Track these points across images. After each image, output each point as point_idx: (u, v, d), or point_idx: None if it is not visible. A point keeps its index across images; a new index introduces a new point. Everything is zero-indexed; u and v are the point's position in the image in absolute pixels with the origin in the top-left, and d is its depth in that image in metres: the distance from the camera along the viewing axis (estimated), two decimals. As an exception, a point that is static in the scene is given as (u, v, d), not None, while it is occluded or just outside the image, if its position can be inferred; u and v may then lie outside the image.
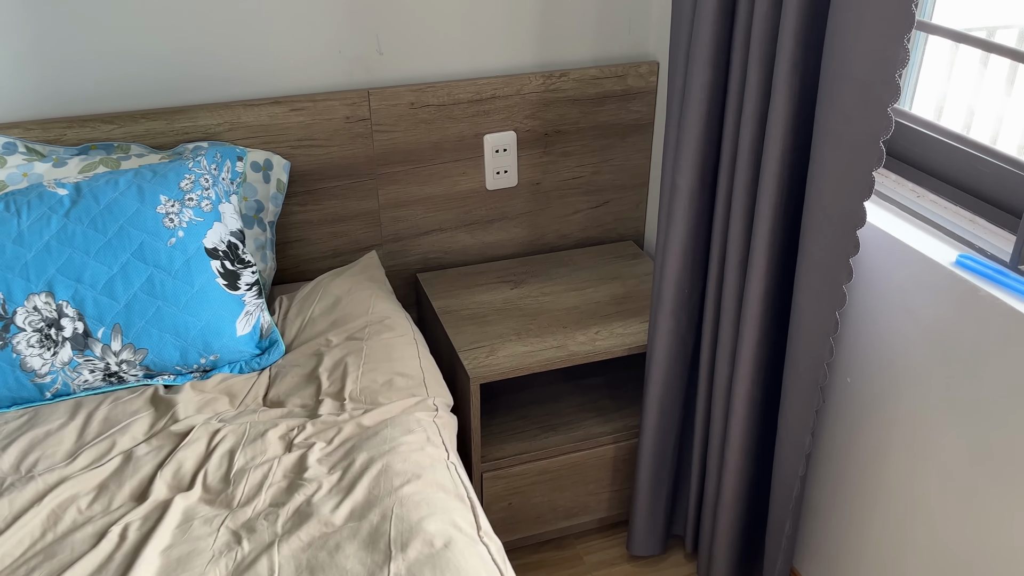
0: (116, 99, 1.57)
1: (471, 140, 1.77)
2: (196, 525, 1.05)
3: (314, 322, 1.44)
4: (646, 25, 1.82)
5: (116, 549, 1.02)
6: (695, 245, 1.43)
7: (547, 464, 1.65)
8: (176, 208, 1.33)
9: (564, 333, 1.63)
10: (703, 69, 1.28)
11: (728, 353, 1.42)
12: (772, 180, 1.23)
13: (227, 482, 1.12)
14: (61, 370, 1.27)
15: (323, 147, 1.68)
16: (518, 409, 1.76)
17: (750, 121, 1.24)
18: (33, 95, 1.52)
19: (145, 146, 1.55)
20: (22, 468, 1.14)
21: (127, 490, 1.11)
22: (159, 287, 1.29)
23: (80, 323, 1.26)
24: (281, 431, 1.20)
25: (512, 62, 1.77)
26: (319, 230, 1.75)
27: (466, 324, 1.67)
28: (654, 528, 1.69)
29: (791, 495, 1.37)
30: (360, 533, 1.02)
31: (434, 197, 1.81)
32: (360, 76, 1.68)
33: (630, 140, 1.89)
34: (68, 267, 1.27)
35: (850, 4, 1.03)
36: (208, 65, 1.59)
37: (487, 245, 1.90)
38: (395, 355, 1.36)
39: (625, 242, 1.99)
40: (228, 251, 1.36)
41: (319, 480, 1.10)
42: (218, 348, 1.33)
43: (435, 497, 1.07)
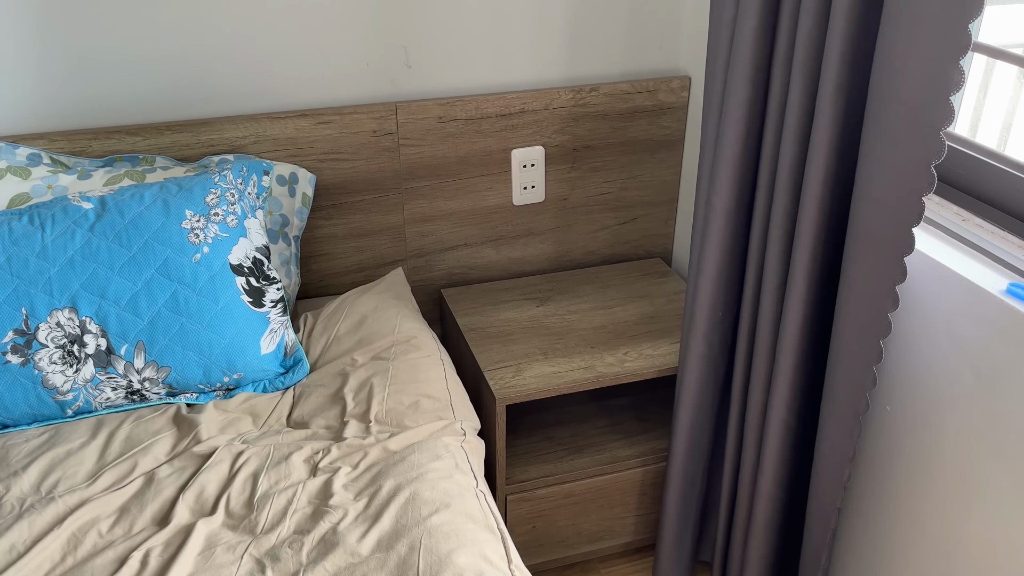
0: (142, 111, 1.55)
1: (499, 155, 1.75)
2: (219, 552, 1.03)
3: (339, 341, 1.41)
4: (678, 39, 1.79)
5: (138, 575, 0.99)
6: (730, 267, 1.39)
7: (572, 487, 1.62)
8: (201, 223, 1.31)
9: (592, 353, 1.60)
10: (742, 87, 1.25)
11: (763, 379, 1.38)
12: (813, 203, 1.19)
13: (250, 507, 1.09)
14: (83, 387, 1.25)
15: (349, 161, 1.66)
16: (542, 430, 1.72)
17: (791, 141, 1.21)
18: (59, 106, 1.51)
19: (170, 158, 1.54)
20: (42, 489, 1.12)
21: (149, 513, 1.09)
22: (183, 304, 1.27)
23: (103, 340, 1.24)
24: (306, 454, 1.17)
25: (542, 76, 1.74)
26: (344, 245, 1.73)
27: (491, 342, 1.63)
28: (681, 554, 1.65)
29: (828, 527, 1.33)
30: (387, 565, 0.98)
31: (460, 212, 1.78)
32: (387, 89, 1.66)
33: (659, 156, 1.86)
34: (92, 283, 1.25)
35: (901, 24, 0.99)
36: (234, 77, 1.57)
37: (513, 261, 1.87)
38: (422, 376, 1.33)
39: (653, 259, 1.95)
40: (253, 267, 1.34)
41: (345, 507, 1.07)
42: (242, 366, 1.31)
43: (465, 528, 1.03)
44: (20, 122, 1.50)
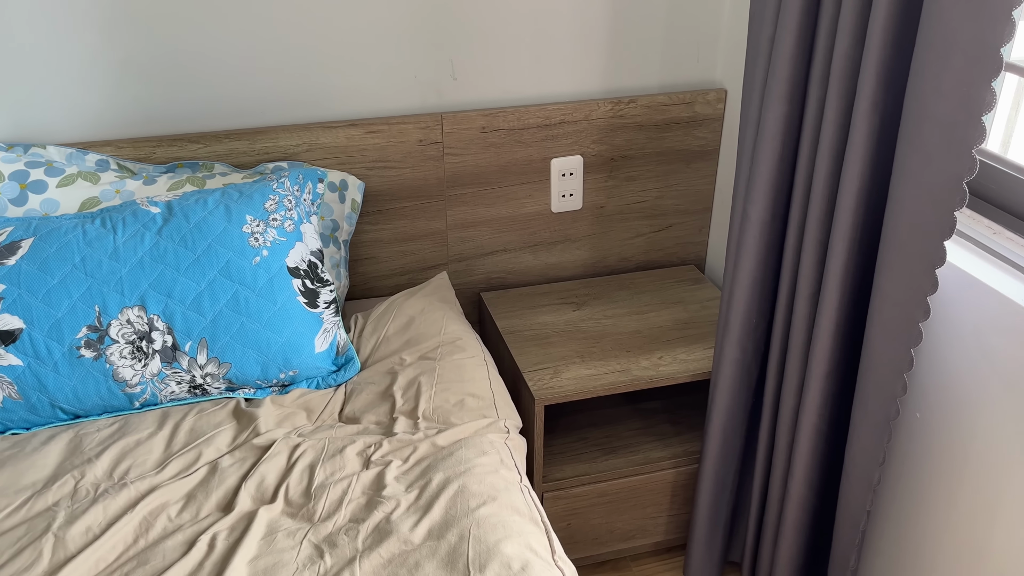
0: (202, 119, 1.63)
1: (538, 164, 1.81)
2: (280, 537, 1.10)
3: (388, 341, 1.48)
4: (714, 52, 1.84)
5: (205, 557, 1.07)
6: (764, 276, 1.44)
7: (606, 487, 1.67)
8: (261, 228, 1.39)
9: (627, 357, 1.65)
10: (779, 102, 1.30)
11: (795, 385, 1.43)
12: (847, 215, 1.23)
13: (308, 496, 1.16)
14: (150, 381, 1.33)
15: (396, 169, 1.73)
16: (578, 430, 1.78)
17: (826, 156, 1.25)
18: (125, 115, 1.59)
19: (228, 165, 1.62)
20: (115, 475, 1.20)
21: (214, 500, 1.16)
22: (243, 304, 1.35)
23: (169, 336, 1.32)
24: (359, 448, 1.24)
25: (581, 88, 1.80)
26: (389, 249, 1.80)
27: (529, 345, 1.69)
28: (711, 554, 1.69)
29: (857, 529, 1.37)
30: (439, 552, 1.05)
31: (500, 219, 1.84)
32: (433, 100, 1.73)
33: (695, 166, 1.91)
34: (160, 283, 1.33)
35: (935, 46, 1.04)
36: (289, 88, 1.65)
37: (550, 266, 1.93)
38: (466, 376, 1.39)
39: (687, 266, 2.00)
40: (308, 270, 1.41)
41: (397, 498, 1.14)
42: (297, 364, 1.38)
43: (511, 520, 1.09)
44: (89, 130, 1.58)
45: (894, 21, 1.10)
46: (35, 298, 1.29)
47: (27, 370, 1.28)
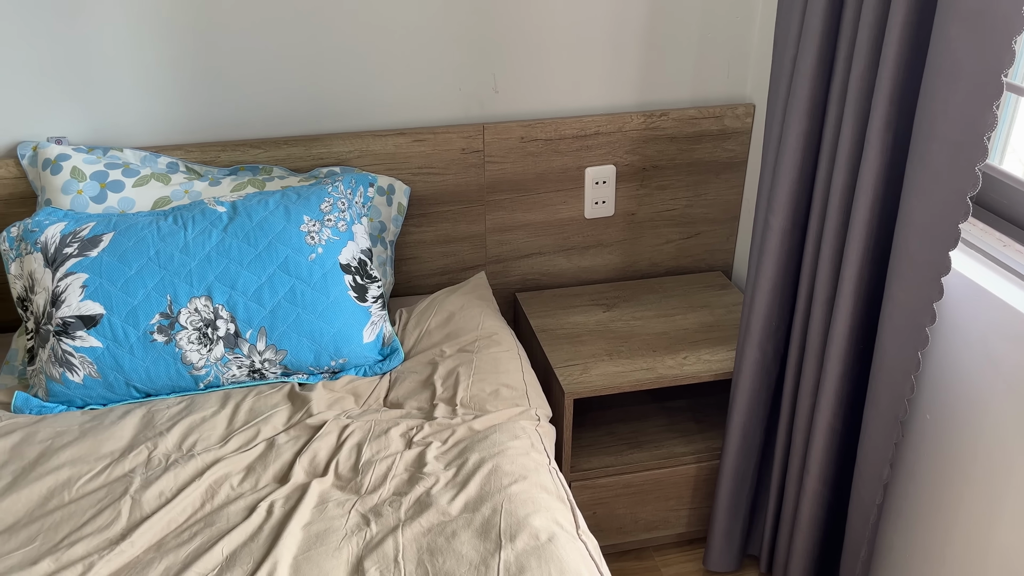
0: (262, 127, 1.77)
1: (573, 172, 1.91)
2: (330, 507, 1.21)
3: (430, 334, 1.60)
4: (744, 69, 1.93)
5: (264, 521, 1.19)
6: (784, 282, 1.52)
7: (631, 478, 1.76)
8: (317, 227, 1.51)
9: (654, 356, 1.74)
10: (800, 119, 1.39)
11: (811, 385, 1.51)
12: (861, 226, 1.32)
13: (356, 471, 1.28)
14: (214, 365, 1.46)
15: (440, 175, 1.84)
16: (605, 425, 1.87)
17: (842, 171, 1.34)
18: (193, 121, 1.73)
19: (286, 169, 1.75)
20: (183, 447, 1.33)
21: (271, 472, 1.28)
22: (300, 296, 1.47)
23: (232, 325, 1.45)
24: (402, 430, 1.35)
25: (615, 101, 1.90)
26: (431, 250, 1.92)
27: (561, 343, 1.80)
28: (730, 546, 1.78)
29: (867, 522, 1.45)
30: (473, 523, 1.16)
31: (536, 223, 1.95)
32: (476, 111, 1.84)
33: (723, 177, 2.00)
34: (225, 275, 1.46)
35: (942, 71, 1.12)
36: (343, 99, 1.77)
37: (582, 269, 2.03)
38: (501, 368, 1.50)
39: (714, 272, 2.09)
40: (359, 267, 1.54)
41: (436, 475, 1.25)
42: (347, 353, 1.50)
43: (539, 497, 1.20)
44: (161, 135, 1.73)
45: (905, 47, 1.18)
46: (114, 287, 1.43)
47: (106, 352, 1.42)
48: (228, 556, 1.13)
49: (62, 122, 1.68)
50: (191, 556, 1.13)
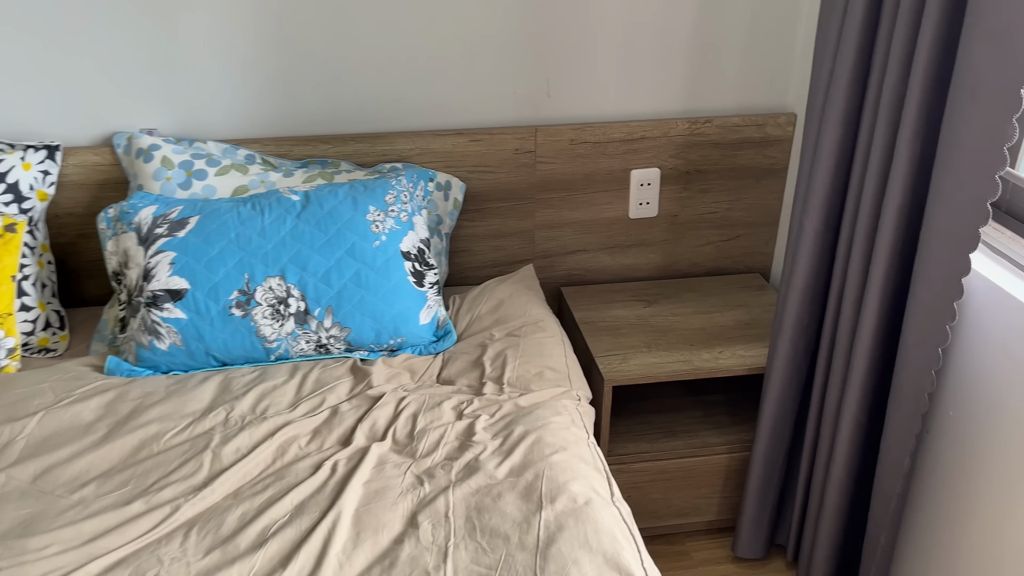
0: (332, 124, 1.91)
1: (619, 174, 2.02)
2: (388, 468, 1.34)
3: (480, 319, 1.72)
4: (786, 80, 2.01)
5: (329, 478, 1.32)
6: (816, 282, 1.61)
7: (665, 465, 1.86)
8: (381, 217, 1.65)
9: (690, 350, 1.84)
10: (835, 128, 1.48)
11: (839, 379, 1.59)
12: (889, 229, 1.40)
13: (411, 438, 1.40)
14: (285, 339, 1.60)
15: (493, 173, 1.97)
16: (642, 415, 1.97)
17: (873, 177, 1.42)
18: (269, 118, 1.88)
19: (352, 163, 1.89)
20: (257, 410, 1.47)
21: (335, 436, 1.42)
22: (364, 280, 1.61)
23: (302, 303, 1.59)
24: (454, 403, 1.48)
25: (662, 108, 2.00)
26: (482, 243, 2.04)
27: (602, 334, 1.90)
28: (758, 534, 1.86)
29: (888, 510, 1.53)
30: (517, 487, 1.27)
31: (582, 222, 2.06)
32: (530, 114, 1.96)
33: (764, 183, 2.08)
34: (297, 258, 1.60)
35: (966, 86, 1.21)
36: (406, 100, 1.91)
37: (625, 267, 2.14)
38: (546, 352, 1.62)
39: (752, 274, 2.17)
40: (418, 255, 1.67)
41: (484, 443, 1.37)
42: (405, 333, 1.63)
43: (578, 466, 1.31)
44: (240, 129, 1.88)
45: (934, 63, 1.27)
46: (199, 265, 1.58)
47: (189, 323, 1.57)
48: (297, 505, 1.26)
49: (153, 115, 1.84)
50: (264, 504, 1.27)
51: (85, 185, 1.83)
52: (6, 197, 1.69)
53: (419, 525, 1.22)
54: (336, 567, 1.16)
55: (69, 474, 1.33)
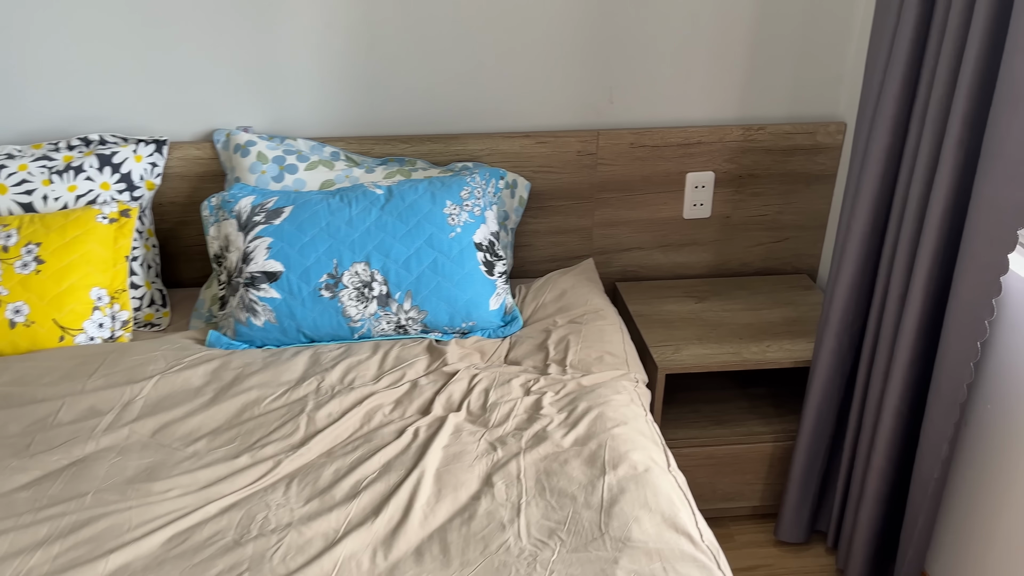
0: (410, 125, 2.07)
1: (675, 176, 2.14)
2: (464, 435, 1.48)
3: (545, 307, 1.86)
4: (838, 91, 2.12)
5: (412, 441, 1.47)
6: (862, 280, 1.72)
7: (712, 451, 1.97)
8: (457, 210, 1.80)
9: (739, 343, 1.95)
10: (884, 135, 1.59)
11: (882, 372, 1.69)
12: (933, 231, 1.51)
13: (484, 410, 1.55)
14: (368, 319, 1.76)
15: (557, 174, 2.11)
16: (692, 404, 2.09)
17: (919, 182, 1.53)
18: (353, 118, 2.05)
19: (427, 162, 2.04)
20: (345, 381, 1.62)
21: (415, 406, 1.57)
22: (440, 267, 1.76)
23: (384, 287, 1.75)
24: (521, 381, 1.62)
25: (717, 115, 2.12)
26: (543, 239, 2.18)
27: (656, 326, 2.03)
28: (800, 519, 1.97)
29: (926, 495, 1.62)
30: (582, 454, 1.41)
31: (638, 221, 2.19)
32: (592, 119, 2.10)
33: (814, 188, 2.19)
34: (380, 246, 1.75)
35: (1008, 99, 1.31)
36: (478, 104, 2.06)
37: (678, 265, 2.26)
38: (606, 338, 1.75)
39: (800, 275, 2.28)
40: (488, 246, 1.81)
41: (551, 416, 1.51)
42: (476, 317, 1.78)
43: (637, 439, 1.44)
44: (326, 128, 2.05)
45: (978, 77, 1.38)
46: (292, 250, 1.75)
47: (283, 302, 1.74)
48: (384, 464, 1.41)
49: (249, 114, 2.02)
50: (355, 462, 1.42)
51: (186, 177, 2.02)
52: (120, 185, 1.88)
53: (494, 485, 1.36)
54: (421, 518, 1.30)
55: (183, 430, 1.50)
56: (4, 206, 1.81)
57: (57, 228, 1.75)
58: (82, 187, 1.85)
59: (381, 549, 1.25)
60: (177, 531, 1.27)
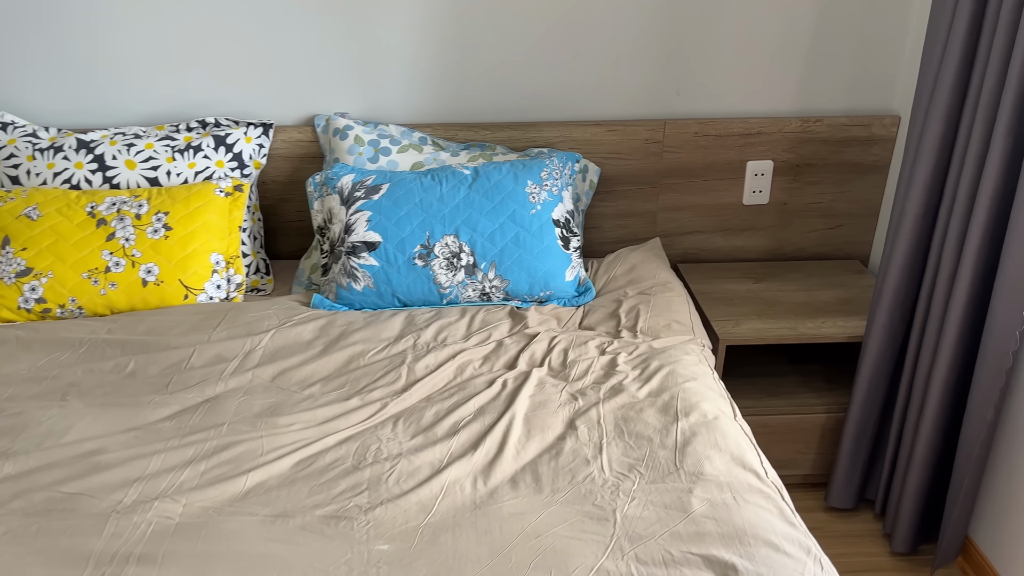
0: (491, 113, 2.25)
1: (736, 164, 2.29)
2: (547, 387, 1.65)
3: (616, 279, 2.03)
4: (893, 86, 2.25)
5: (501, 391, 1.64)
6: (914, 260, 1.85)
7: (767, 419, 2.11)
8: (537, 190, 1.97)
9: (795, 319, 2.09)
10: (937, 124, 1.72)
11: (931, 345, 1.82)
12: (983, 213, 1.64)
13: (564, 366, 1.72)
14: (456, 286, 1.94)
15: (625, 160, 2.27)
16: (748, 378, 2.23)
17: (970, 167, 1.66)
18: (439, 106, 2.23)
19: (506, 148, 2.22)
20: (438, 339, 1.81)
21: (502, 362, 1.74)
22: (521, 241, 1.93)
23: (471, 258, 1.93)
24: (597, 343, 1.78)
25: (777, 107, 2.27)
26: (610, 222, 2.34)
27: (716, 303, 2.18)
28: (850, 486, 2.10)
29: (971, 459, 1.75)
30: (656, 404, 1.57)
31: (700, 206, 2.34)
32: (660, 109, 2.26)
33: (867, 177, 2.32)
34: (468, 221, 1.93)
35: (1055, 88, 1.44)
36: (554, 94, 2.23)
37: (736, 248, 2.40)
38: (673, 308, 1.91)
39: (853, 260, 2.41)
40: (565, 223, 1.98)
41: (626, 372, 1.67)
42: (553, 287, 1.95)
43: (707, 392, 1.60)
44: (415, 115, 2.24)
45: (1027, 68, 1.51)
46: (390, 222, 1.94)
47: (380, 269, 1.93)
48: (478, 408, 1.59)
49: (345, 101, 2.22)
50: (452, 406, 1.60)
51: (288, 158, 2.22)
52: (232, 164, 2.09)
53: (577, 428, 1.53)
54: (514, 452, 1.48)
55: (299, 376, 1.69)
56: (133, 180, 2.03)
57: (182, 199, 1.96)
58: (200, 164, 2.06)
59: (480, 477, 1.42)
60: (303, 457, 1.46)
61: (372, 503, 1.35)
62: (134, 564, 1.23)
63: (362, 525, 1.31)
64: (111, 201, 1.94)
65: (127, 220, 1.91)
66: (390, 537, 1.29)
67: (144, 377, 1.68)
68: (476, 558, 1.24)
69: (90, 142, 2.03)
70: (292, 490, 1.39)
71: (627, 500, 1.35)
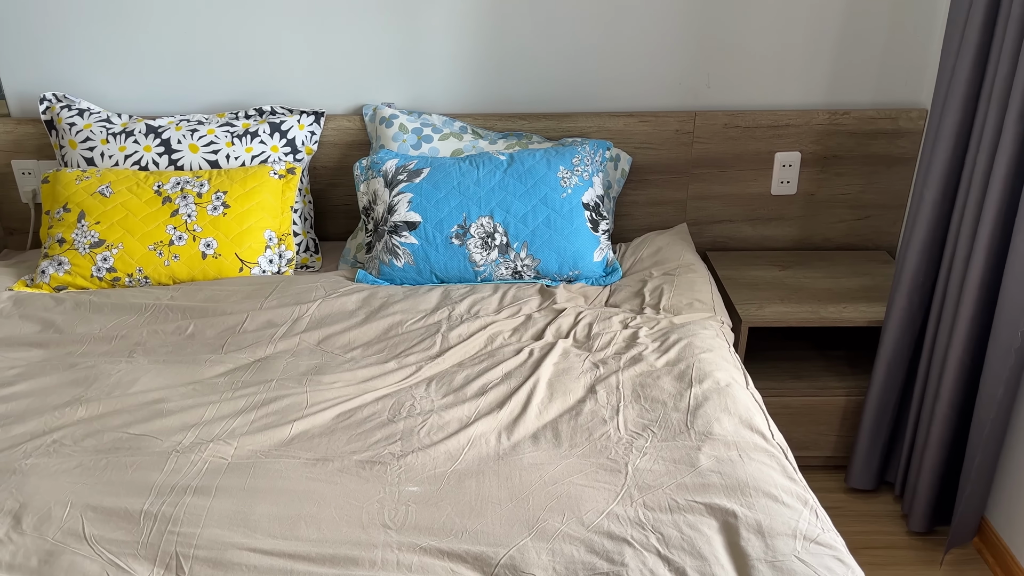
0: (528, 104, 2.37)
1: (764, 155, 2.37)
2: (571, 356, 1.76)
3: (641, 261, 2.12)
4: (920, 79, 2.30)
5: (528, 358, 1.75)
6: (932, 245, 1.91)
7: (789, 401, 2.18)
8: (568, 175, 2.08)
9: (818, 304, 2.16)
10: (954, 112, 1.78)
11: (948, 326, 1.88)
12: (995, 195, 1.69)
13: (588, 338, 1.82)
14: (490, 264, 2.06)
15: (656, 150, 2.36)
16: (772, 361, 2.31)
17: (984, 152, 1.72)
18: (479, 97, 2.36)
19: (542, 137, 2.34)
20: (471, 312, 1.93)
21: (529, 333, 1.85)
22: (552, 223, 2.04)
23: (504, 238, 2.04)
24: (620, 318, 1.89)
25: (805, 100, 2.34)
26: (641, 209, 2.44)
27: (742, 288, 2.25)
28: (869, 468, 2.15)
29: (983, 435, 1.80)
30: (672, 372, 1.66)
31: (729, 195, 2.42)
32: (690, 101, 2.35)
33: (894, 169, 2.37)
34: (502, 203, 2.06)
35: (1063, 74, 1.50)
36: (588, 86, 2.34)
37: (764, 237, 2.47)
38: (696, 288, 2.00)
39: (879, 251, 2.46)
40: (594, 207, 2.09)
41: (646, 344, 1.77)
42: (581, 267, 2.06)
43: (722, 363, 1.69)
44: (456, 105, 2.37)
45: (1037, 56, 1.57)
46: (429, 203, 2.07)
47: (419, 248, 2.06)
48: (506, 373, 1.71)
49: (391, 91, 2.36)
50: (481, 371, 1.72)
51: (337, 145, 2.37)
52: (286, 149, 2.25)
53: (596, 392, 1.63)
54: (537, 412, 1.59)
55: (342, 342, 1.83)
56: (196, 162, 2.20)
57: (239, 180, 2.13)
58: (256, 149, 2.22)
59: (505, 432, 1.54)
60: (343, 410, 1.60)
61: (404, 451, 1.48)
62: (191, 495, 1.37)
63: (395, 470, 1.44)
64: (175, 181, 2.11)
65: (189, 198, 2.08)
66: (419, 480, 1.41)
67: (202, 339, 1.84)
68: (497, 500, 1.36)
69: (158, 127, 2.21)
70: (332, 438, 1.52)
71: (639, 455, 1.45)
